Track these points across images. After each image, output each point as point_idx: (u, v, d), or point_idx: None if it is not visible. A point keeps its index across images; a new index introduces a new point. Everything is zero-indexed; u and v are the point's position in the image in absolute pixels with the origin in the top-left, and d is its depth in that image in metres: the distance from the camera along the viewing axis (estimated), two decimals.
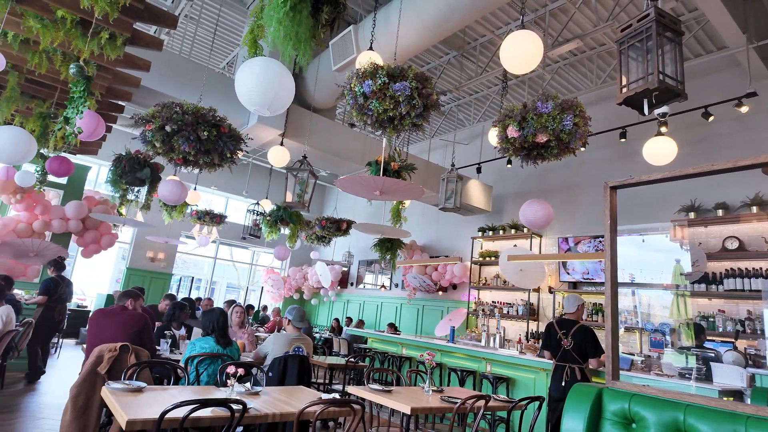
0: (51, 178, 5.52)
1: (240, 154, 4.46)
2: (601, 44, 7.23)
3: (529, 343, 6.61)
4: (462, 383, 5.42)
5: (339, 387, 5.53)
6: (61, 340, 8.62)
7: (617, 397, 2.19)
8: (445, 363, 5.95)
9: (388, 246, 8.06)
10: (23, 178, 5.04)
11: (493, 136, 4.48)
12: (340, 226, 7.92)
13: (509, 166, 8.21)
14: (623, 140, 6.87)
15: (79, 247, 7.26)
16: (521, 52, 3.21)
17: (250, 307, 9.90)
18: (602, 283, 7.08)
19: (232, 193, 12.62)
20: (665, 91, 2.19)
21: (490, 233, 8.95)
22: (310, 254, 13.17)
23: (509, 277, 7.22)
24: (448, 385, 5.70)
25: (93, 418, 3.15)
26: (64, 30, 3.49)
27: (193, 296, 10.89)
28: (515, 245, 8.47)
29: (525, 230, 8.31)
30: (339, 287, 12.63)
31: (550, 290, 7.85)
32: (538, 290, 8.07)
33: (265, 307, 11.91)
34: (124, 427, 1.90)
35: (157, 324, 5.02)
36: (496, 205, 9.38)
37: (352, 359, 5.32)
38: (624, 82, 2.29)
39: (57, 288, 5.93)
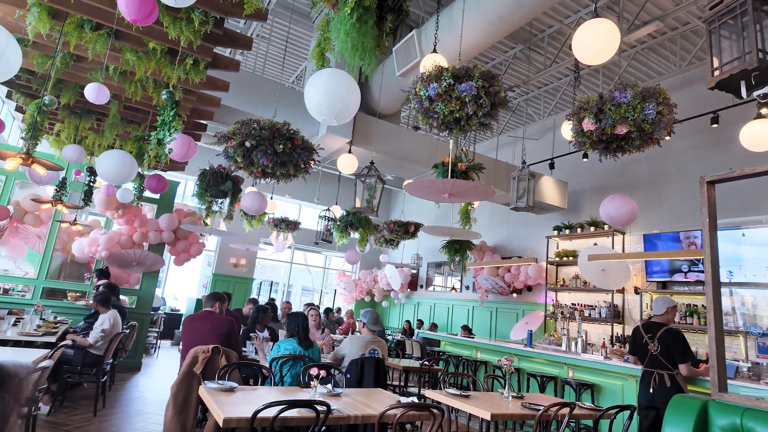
0: (146, 193, 6.10)
1: (312, 164, 4.65)
2: (684, 23, 6.64)
3: (615, 347, 6.21)
4: (542, 389, 5.22)
5: (414, 390, 5.55)
6: (158, 341, 9.46)
7: (726, 411, 1.99)
8: (523, 368, 5.76)
9: (457, 247, 7.96)
10: (124, 195, 5.61)
11: (566, 130, 4.29)
12: (407, 229, 7.96)
13: (585, 160, 7.79)
14: (715, 126, 6.26)
15: (171, 255, 7.93)
16: (596, 41, 3.05)
17: (329, 310, 10.22)
18: (695, 282, 6.47)
19: (305, 200, 13.15)
20: (766, 71, 1.98)
21: (567, 232, 8.53)
22: (380, 257, 13.35)
23: (590, 277, 6.84)
24: (528, 391, 5.51)
25: (191, 413, 3.43)
26: (155, 60, 3.86)
27: (273, 299, 11.45)
28: (595, 244, 8.01)
29: (606, 227, 7.83)
30: (409, 289, 12.68)
31: (636, 291, 7.32)
32: (622, 291, 7.55)
33: (339, 309, 12.25)
34: (221, 425, 2.05)
35: (242, 327, 5.35)
36: (572, 202, 8.93)
37: (427, 362, 5.31)
38: (716, 64, 2.10)
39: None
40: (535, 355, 5.59)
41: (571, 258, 8.35)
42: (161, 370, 7.33)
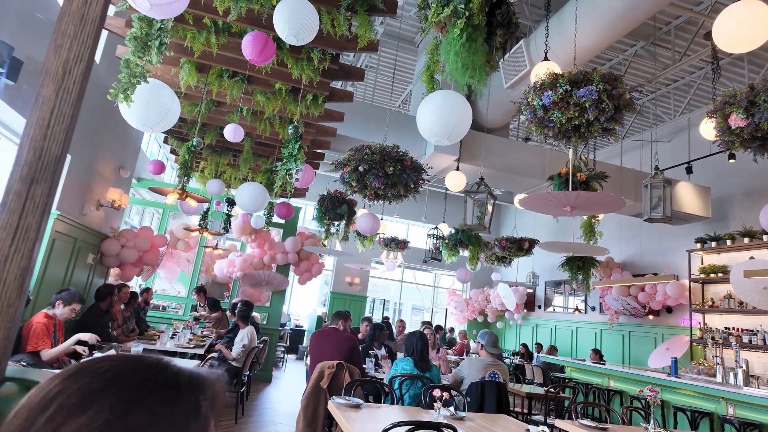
0: (275, 219, 6.71)
1: (422, 183, 4.71)
2: None
3: None
4: (694, 426, 4.53)
5: (538, 418, 5.19)
6: (285, 355, 10.20)
7: None
8: (667, 400, 5.07)
9: (579, 265, 7.37)
10: (257, 222, 6.24)
11: (707, 129, 3.79)
12: (521, 246, 7.60)
13: (732, 161, 6.77)
14: None
15: (295, 275, 8.57)
16: (743, 26, 2.66)
17: (439, 327, 10.13)
18: None
19: (413, 219, 13.33)
20: None
21: (713, 244, 7.41)
22: (492, 276, 12.91)
23: (748, 297, 5.85)
24: (675, 428, 4.82)
25: (320, 426, 3.61)
26: (280, 99, 4.28)
27: (387, 318, 11.69)
28: (752, 257, 6.83)
29: (765, 238, 6.65)
30: (525, 310, 12.03)
31: None
32: None
33: (452, 329, 12.06)
34: None
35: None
36: (717, 210, 7.77)
37: (552, 389, 4.95)
38: None
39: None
40: (683, 386, 4.89)
41: (720, 274, 7.22)
42: (289, 383, 7.86)
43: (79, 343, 3.60)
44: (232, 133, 3.89)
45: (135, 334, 5.55)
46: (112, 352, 3.58)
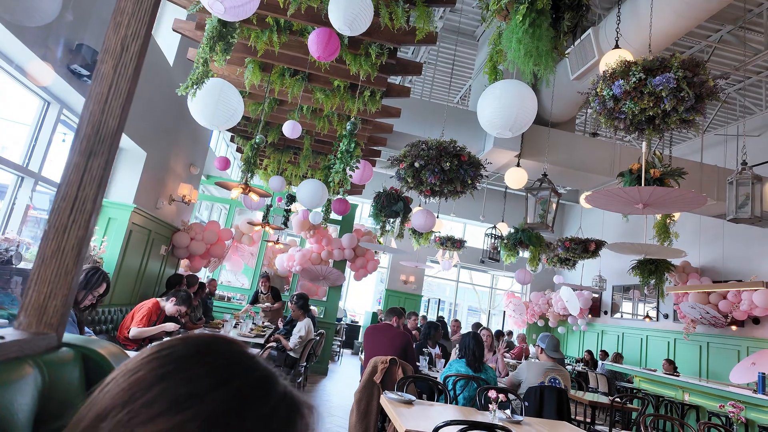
0: (332, 215, 6.83)
1: (480, 179, 4.58)
2: None
3: None
4: None
5: (602, 429, 4.88)
6: (341, 349, 10.38)
7: None
8: (752, 419, 4.59)
9: (652, 269, 6.86)
10: (315, 218, 6.38)
11: None
12: (587, 247, 7.20)
13: None
14: None
15: (351, 271, 8.69)
16: None
17: (500, 333, 9.83)
18: None
19: (470, 218, 13.07)
20: None
21: None
22: (554, 278, 12.37)
23: None
24: None
25: (373, 420, 3.62)
26: (339, 96, 4.33)
27: (441, 317, 11.57)
28: None
29: None
30: (590, 315, 11.40)
31: None
32: None
33: (510, 333, 11.70)
34: None
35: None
36: None
37: (619, 399, 4.64)
38: None
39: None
40: None
41: None
42: (344, 376, 7.99)
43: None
44: (291, 129, 3.99)
45: (202, 323, 5.88)
46: None
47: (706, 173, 6.79)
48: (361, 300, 15.56)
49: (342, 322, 11.12)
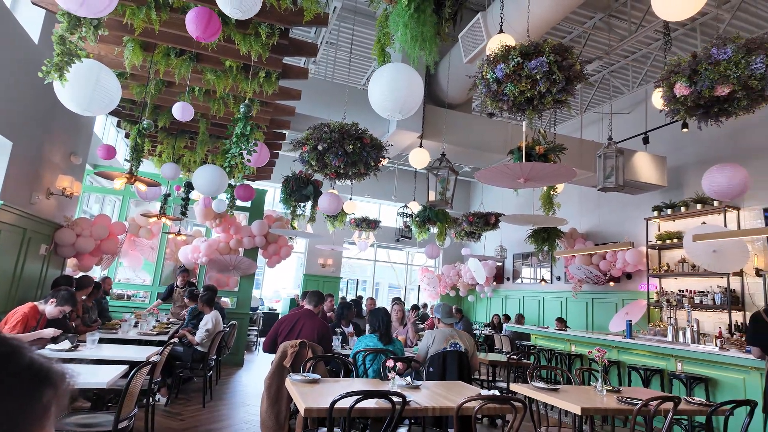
0: (238, 203, 6.59)
1: (384, 161, 4.69)
2: None
3: (734, 337, 5.49)
4: (646, 383, 4.78)
5: (503, 384, 5.38)
6: (258, 338, 10.18)
7: None
8: (623, 361, 5.32)
9: (545, 236, 7.57)
10: (218, 206, 6.11)
11: (657, 99, 3.88)
12: (488, 220, 7.73)
13: (685, 131, 7.01)
14: None
15: (264, 258, 8.49)
16: None
17: (415, 307, 10.23)
18: None
19: (383, 199, 13.34)
20: None
21: (669, 212, 7.72)
22: (462, 251, 13.13)
23: (699, 260, 6.13)
24: (629, 385, 5.08)
25: (284, 405, 3.64)
26: (231, 76, 4.15)
27: (359, 297, 11.78)
28: (703, 223, 7.15)
29: (715, 204, 6.95)
30: (495, 283, 12.32)
31: (758, 273, 6.41)
32: (741, 274, 6.66)
33: (425, 305, 12.26)
34: (302, 414, 2.15)
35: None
36: (673, 179, 8.06)
37: (515, 356, 5.12)
38: None
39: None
40: (637, 346, 5.14)
41: (675, 240, 7.55)
42: (261, 366, 7.87)
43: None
44: (181, 111, 3.77)
45: (97, 325, 5.42)
46: (67, 342, 3.50)
47: (585, 148, 7.57)
48: (281, 287, 15.31)
49: (258, 311, 10.87)
